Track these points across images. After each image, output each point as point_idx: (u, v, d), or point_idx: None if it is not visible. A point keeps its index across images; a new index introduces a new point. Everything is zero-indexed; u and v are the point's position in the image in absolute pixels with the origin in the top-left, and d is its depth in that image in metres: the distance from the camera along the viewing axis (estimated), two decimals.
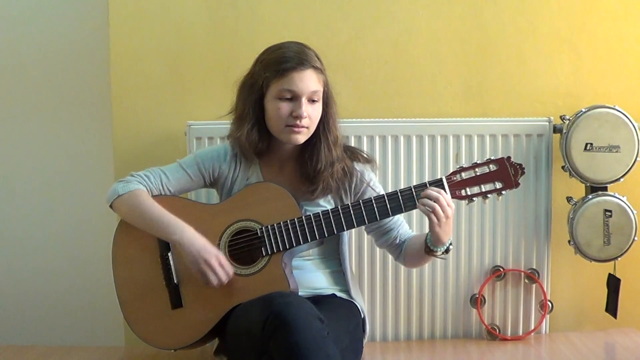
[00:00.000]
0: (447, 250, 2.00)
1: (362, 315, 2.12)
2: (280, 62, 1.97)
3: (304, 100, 1.96)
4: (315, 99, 1.99)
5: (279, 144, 2.05)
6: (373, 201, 1.94)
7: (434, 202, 1.89)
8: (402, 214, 2.05)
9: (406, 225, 2.14)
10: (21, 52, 2.75)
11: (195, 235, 1.95)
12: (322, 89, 2.00)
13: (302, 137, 1.99)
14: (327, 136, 2.02)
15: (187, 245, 1.94)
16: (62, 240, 2.78)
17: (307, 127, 1.98)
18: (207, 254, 1.92)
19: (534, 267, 2.43)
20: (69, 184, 2.77)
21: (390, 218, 2.07)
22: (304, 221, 1.95)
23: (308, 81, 1.96)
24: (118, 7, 2.46)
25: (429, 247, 1.99)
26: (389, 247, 2.14)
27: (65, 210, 2.78)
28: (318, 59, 2.01)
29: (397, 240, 2.11)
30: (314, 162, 2.01)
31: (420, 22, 2.47)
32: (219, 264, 1.93)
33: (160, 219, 1.98)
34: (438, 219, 1.89)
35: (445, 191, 1.91)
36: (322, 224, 1.95)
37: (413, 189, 1.94)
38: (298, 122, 1.96)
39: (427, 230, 1.99)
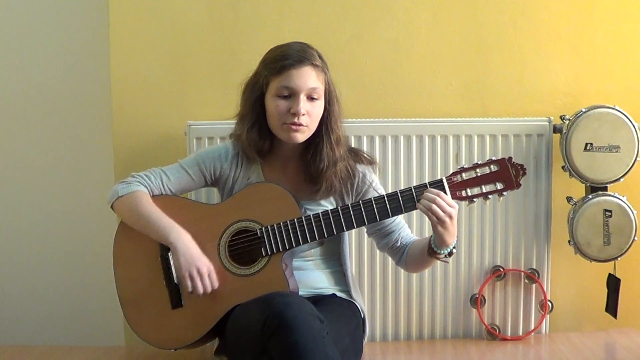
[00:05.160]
0: (450, 254, 1.98)
1: (362, 315, 2.11)
2: (279, 60, 1.97)
3: (302, 97, 1.95)
4: (315, 97, 1.98)
5: (281, 144, 2.04)
6: (373, 202, 1.93)
7: (431, 202, 1.88)
8: (403, 216, 2.05)
9: (408, 229, 2.12)
10: (21, 52, 2.75)
11: (191, 243, 1.96)
12: (322, 87, 1.99)
13: (301, 136, 1.98)
14: (329, 135, 2.01)
15: (182, 248, 1.94)
16: (62, 240, 2.78)
17: (306, 126, 1.97)
18: (200, 262, 1.94)
19: (534, 267, 2.43)
20: (70, 184, 2.77)
21: (392, 220, 2.07)
22: (304, 222, 1.95)
23: (306, 78, 1.96)
24: (118, 7, 2.46)
25: (433, 248, 1.97)
26: (390, 250, 2.12)
27: (65, 210, 2.78)
28: (320, 57, 2.01)
29: (398, 243, 2.10)
30: (317, 162, 2.01)
31: (420, 22, 2.48)
32: (209, 275, 1.94)
33: (158, 221, 1.98)
34: (438, 218, 1.88)
35: (445, 192, 1.91)
36: (321, 224, 1.95)
37: (413, 190, 1.93)
38: (296, 119, 1.95)
39: (427, 232, 1.99)
